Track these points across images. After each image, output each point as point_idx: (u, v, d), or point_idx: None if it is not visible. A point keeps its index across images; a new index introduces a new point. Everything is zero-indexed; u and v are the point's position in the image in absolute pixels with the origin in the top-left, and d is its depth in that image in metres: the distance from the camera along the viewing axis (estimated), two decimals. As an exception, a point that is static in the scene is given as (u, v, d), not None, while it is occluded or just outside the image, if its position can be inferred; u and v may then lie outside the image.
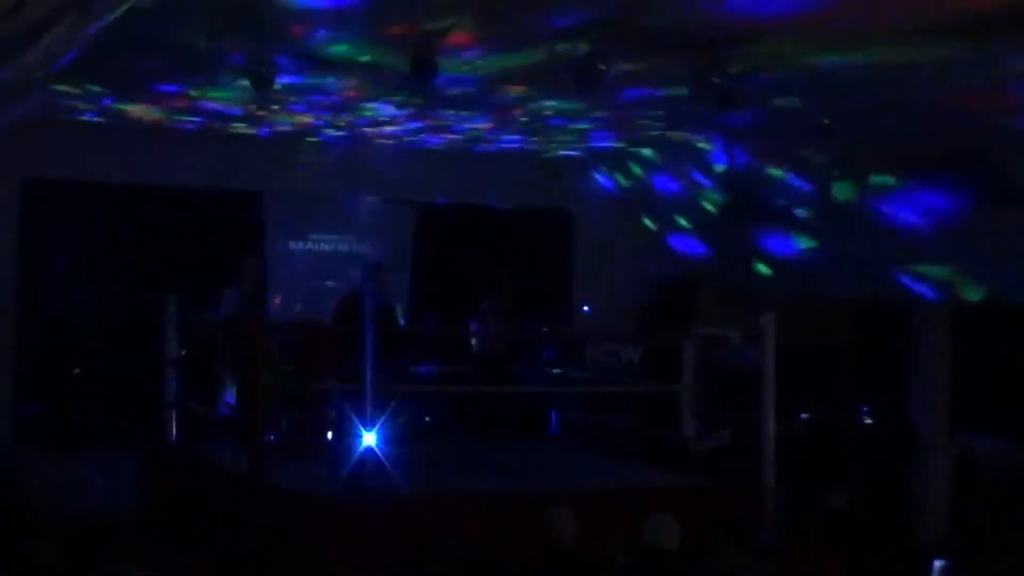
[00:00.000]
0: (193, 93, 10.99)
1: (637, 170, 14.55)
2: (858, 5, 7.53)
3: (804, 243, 13.56)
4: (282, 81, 9.63)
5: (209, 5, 7.99)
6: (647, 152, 14.00)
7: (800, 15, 7.71)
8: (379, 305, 9.45)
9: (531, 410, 13.41)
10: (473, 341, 12.85)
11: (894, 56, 8.49)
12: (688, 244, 15.35)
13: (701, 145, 13.07)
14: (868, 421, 14.83)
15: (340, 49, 9.04)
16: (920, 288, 12.96)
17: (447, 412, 12.88)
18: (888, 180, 11.68)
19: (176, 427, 11.29)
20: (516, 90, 10.54)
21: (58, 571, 5.93)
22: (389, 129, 12.99)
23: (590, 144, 13.86)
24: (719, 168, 13.31)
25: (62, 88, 10.66)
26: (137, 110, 12.00)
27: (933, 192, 11.37)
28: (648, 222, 15.44)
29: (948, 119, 9.98)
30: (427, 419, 12.73)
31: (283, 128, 12.91)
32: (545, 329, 14.73)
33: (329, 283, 14.05)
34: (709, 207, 14.19)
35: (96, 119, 12.45)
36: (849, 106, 10.14)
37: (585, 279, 15.18)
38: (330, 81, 10.26)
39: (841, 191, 12.20)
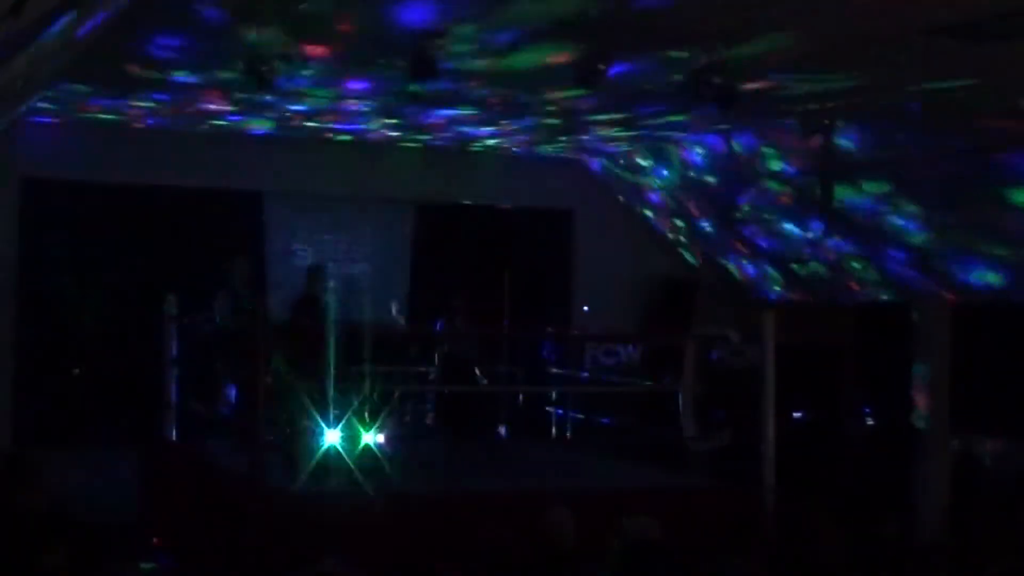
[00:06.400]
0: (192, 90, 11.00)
1: (638, 169, 14.54)
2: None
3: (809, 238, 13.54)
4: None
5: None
6: (648, 150, 13.99)
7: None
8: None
9: (530, 410, 13.37)
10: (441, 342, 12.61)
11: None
12: (689, 243, 15.34)
13: (702, 143, 13.07)
14: (869, 421, 14.81)
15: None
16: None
17: (437, 413, 12.81)
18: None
19: (176, 426, 11.28)
20: (515, 88, 10.54)
21: (58, 571, 5.92)
22: (389, 128, 12.99)
23: (590, 143, 13.85)
24: (722, 165, 13.31)
25: (61, 88, 10.66)
26: (136, 109, 12.00)
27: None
28: (648, 221, 15.43)
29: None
30: (428, 419, 12.70)
31: (281, 127, 12.93)
32: (548, 329, 14.72)
33: (330, 283, 14.02)
34: (710, 206, 14.18)
35: (96, 119, 12.44)
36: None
37: (585, 279, 15.17)
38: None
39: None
